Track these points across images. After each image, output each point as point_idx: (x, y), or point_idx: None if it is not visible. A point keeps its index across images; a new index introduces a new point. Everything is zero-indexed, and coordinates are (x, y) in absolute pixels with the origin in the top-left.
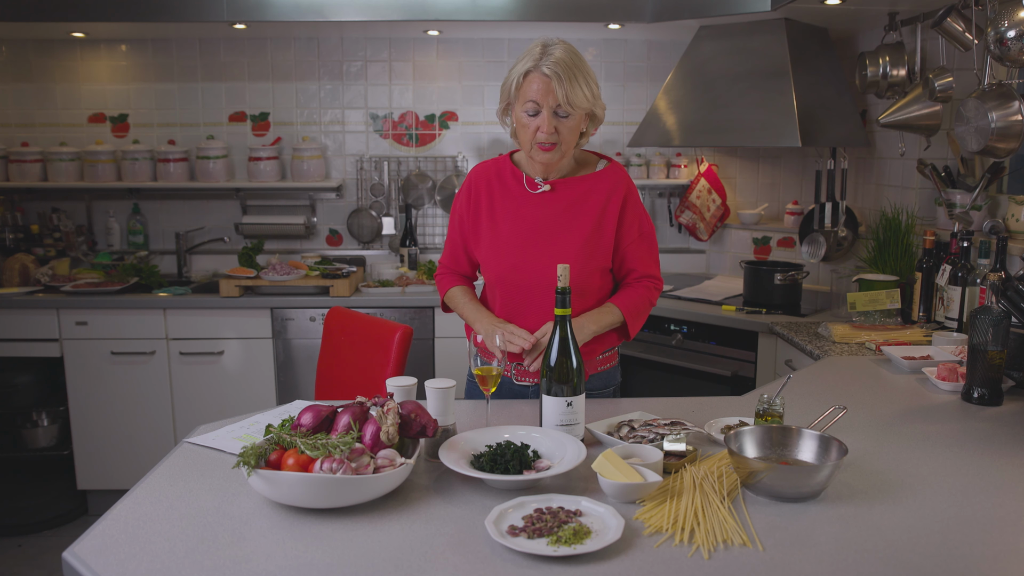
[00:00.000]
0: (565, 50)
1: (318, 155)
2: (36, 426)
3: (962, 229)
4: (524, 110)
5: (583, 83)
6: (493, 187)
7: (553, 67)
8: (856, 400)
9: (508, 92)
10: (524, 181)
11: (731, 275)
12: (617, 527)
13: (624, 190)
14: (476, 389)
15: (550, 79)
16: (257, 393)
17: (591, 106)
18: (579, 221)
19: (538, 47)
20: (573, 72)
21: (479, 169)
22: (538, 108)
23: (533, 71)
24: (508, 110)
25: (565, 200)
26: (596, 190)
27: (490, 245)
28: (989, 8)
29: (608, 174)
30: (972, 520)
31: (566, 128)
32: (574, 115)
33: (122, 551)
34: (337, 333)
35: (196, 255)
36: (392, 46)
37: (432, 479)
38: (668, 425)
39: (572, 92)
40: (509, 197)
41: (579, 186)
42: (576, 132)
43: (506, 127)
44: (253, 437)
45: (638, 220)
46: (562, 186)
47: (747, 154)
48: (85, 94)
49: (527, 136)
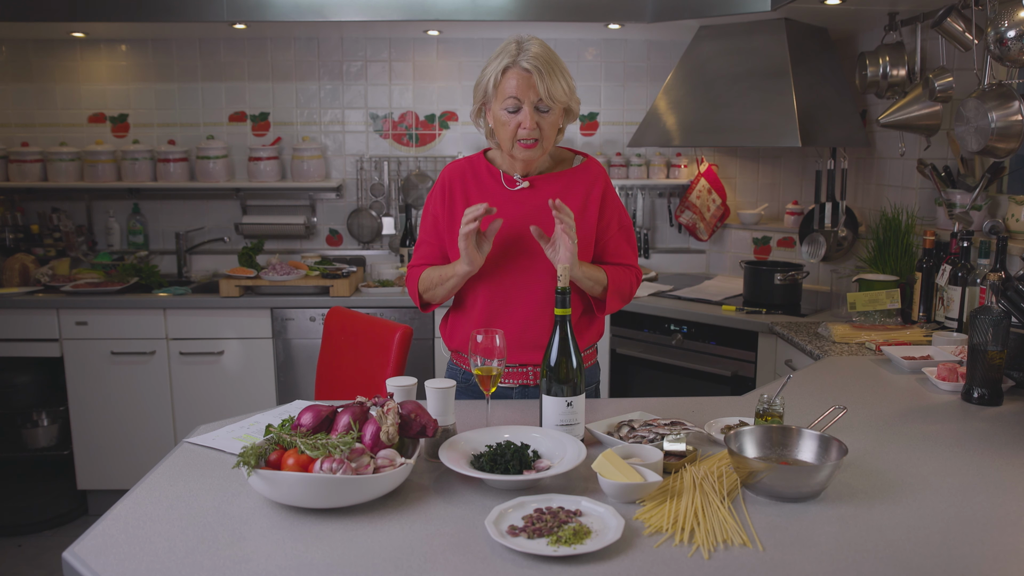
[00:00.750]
0: (541, 45)
1: (318, 155)
2: (36, 426)
3: (962, 229)
4: (504, 107)
5: (561, 77)
6: (469, 185)
7: (532, 61)
8: (856, 400)
9: (484, 91)
10: (502, 179)
11: (731, 275)
12: (617, 527)
13: (603, 184)
14: (467, 390)
15: (531, 74)
16: (257, 393)
17: (568, 100)
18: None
19: (512, 44)
20: (551, 66)
21: (452, 168)
22: (519, 104)
23: (512, 67)
24: (483, 110)
25: (544, 196)
26: (575, 185)
27: None
28: (989, 8)
29: (585, 169)
30: (972, 520)
31: (547, 123)
32: (554, 109)
33: (122, 551)
34: (337, 333)
35: (196, 255)
36: (392, 46)
37: (432, 479)
38: (668, 425)
39: (552, 86)
40: (487, 195)
41: (557, 182)
42: (556, 127)
43: (480, 128)
44: (253, 437)
45: (617, 213)
46: (540, 182)
47: (747, 154)
48: (85, 94)
49: (507, 134)
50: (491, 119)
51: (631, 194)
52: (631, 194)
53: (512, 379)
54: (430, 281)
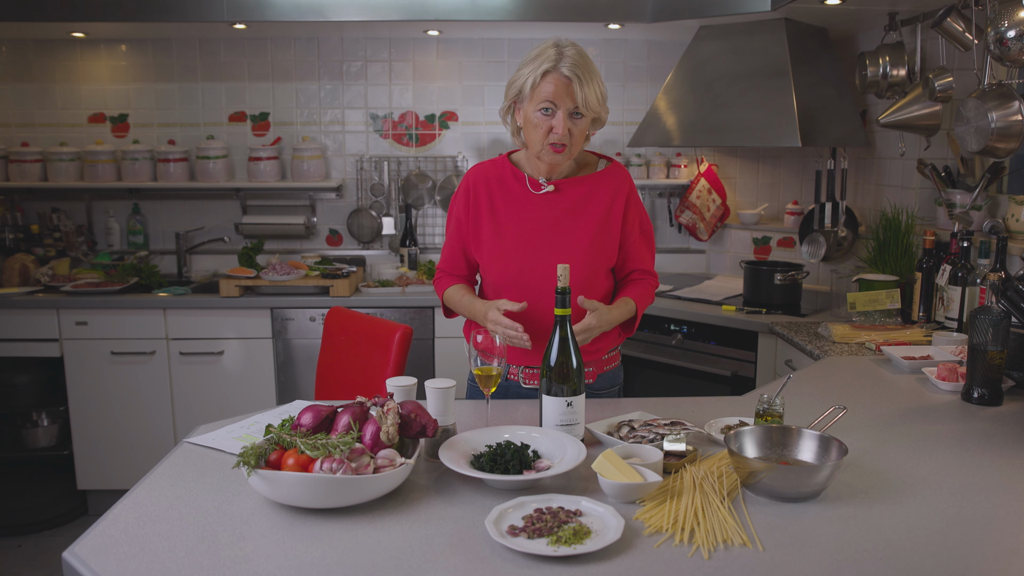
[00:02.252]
0: (579, 52)
1: (318, 155)
2: (36, 426)
3: (962, 229)
4: (539, 109)
5: (596, 86)
6: (493, 189)
7: (572, 69)
8: (856, 400)
9: (519, 90)
10: (527, 182)
11: (731, 275)
12: (617, 527)
13: (627, 189)
14: (476, 390)
15: (571, 81)
16: (257, 393)
17: (600, 110)
18: (584, 221)
19: (552, 48)
20: (589, 74)
21: (476, 171)
22: (555, 108)
23: (552, 71)
24: (512, 109)
25: (569, 200)
26: (599, 189)
27: (494, 248)
28: (989, 8)
29: (610, 173)
30: (972, 520)
31: (578, 130)
32: (586, 117)
33: (122, 551)
34: (337, 333)
35: (196, 255)
36: (392, 46)
37: (432, 479)
38: (668, 425)
39: (588, 94)
40: (511, 199)
41: (582, 186)
42: (584, 134)
43: (507, 125)
44: (253, 437)
45: (639, 218)
46: (566, 186)
47: (747, 154)
48: (85, 94)
49: (538, 136)
50: (520, 119)
51: None
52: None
53: (536, 381)
54: (454, 303)
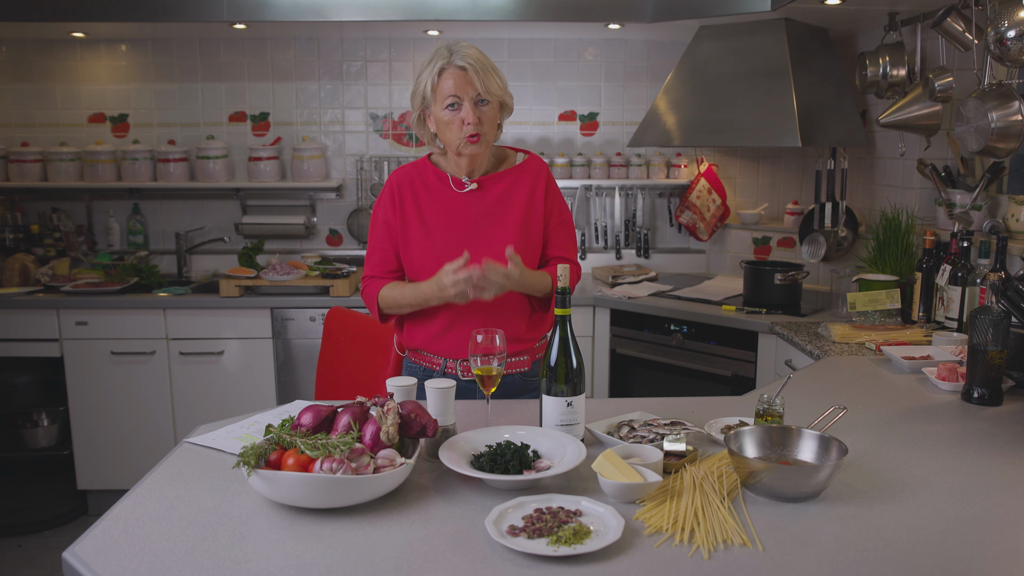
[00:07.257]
0: (471, 47)
1: (318, 155)
2: (36, 426)
3: (962, 229)
4: (446, 106)
5: (494, 72)
6: (417, 190)
7: (465, 59)
8: (856, 400)
9: (422, 96)
10: (450, 182)
11: (731, 275)
12: (617, 527)
13: (545, 178)
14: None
15: (466, 70)
16: (257, 393)
17: (503, 94)
18: (509, 214)
19: (443, 48)
20: (483, 63)
21: (399, 173)
22: (459, 101)
23: (448, 67)
24: (423, 117)
25: (492, 195)
26: (520, 182)
27: (423, 248)
28: (989, 8)
29: (529, 165)
30: (972, 520)
31: (487, 117)
32: (492, 103)
33: (122, 551)
34: (337, 333)
35: (196, 255)
36: (392, 46)
37: (432, 479)
38: (668, 425)
39: (487, 80)
40: (435, 199)
41: (504, 180)
42: (495, 121)
43: (421, 135)
44: (253, 437)
45: (558, 207)
46: (488, 183)
47: (747, 154)
48: (85, 94)
49: (453, 133)
50: (432, 123)
51: (631, 194)
52: (631, 194)
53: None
54: (395, 300)
